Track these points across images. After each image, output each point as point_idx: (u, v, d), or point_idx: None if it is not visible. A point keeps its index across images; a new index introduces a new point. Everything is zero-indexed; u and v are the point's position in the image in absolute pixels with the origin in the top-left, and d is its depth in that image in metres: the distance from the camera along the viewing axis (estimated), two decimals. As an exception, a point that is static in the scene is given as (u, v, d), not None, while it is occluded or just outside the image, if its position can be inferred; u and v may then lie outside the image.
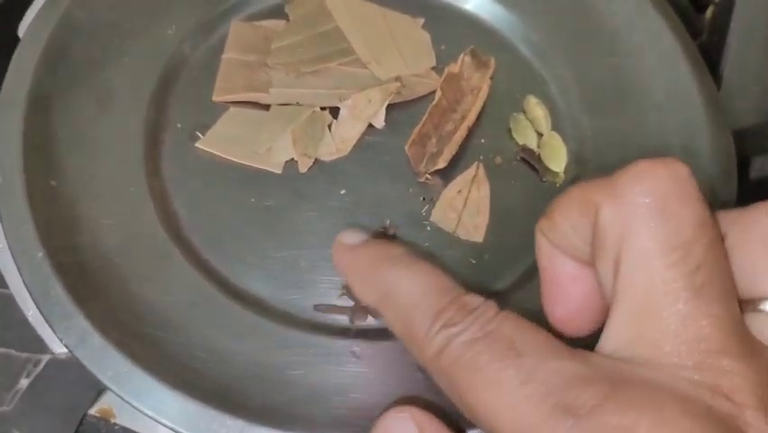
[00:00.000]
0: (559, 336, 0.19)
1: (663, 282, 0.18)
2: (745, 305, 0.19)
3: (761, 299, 0.18)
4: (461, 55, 0.36)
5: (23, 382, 0.40)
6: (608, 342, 0.19)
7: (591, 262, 0.20)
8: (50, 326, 0.27)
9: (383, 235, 0.31)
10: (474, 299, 0.20)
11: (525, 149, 0.35)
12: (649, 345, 0.18)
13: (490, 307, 0.20)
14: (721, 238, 0.19)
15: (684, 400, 0.16)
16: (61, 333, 0.27)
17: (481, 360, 0.18)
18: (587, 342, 0.20)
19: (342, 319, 0.30)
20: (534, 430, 0.17)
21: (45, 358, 0.41)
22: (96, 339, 0.27)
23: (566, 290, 0.22)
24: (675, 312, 0.17)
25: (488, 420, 0.18)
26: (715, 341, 0.17)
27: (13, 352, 0.40)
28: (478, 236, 0.33)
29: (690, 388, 0.17)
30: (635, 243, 0.18)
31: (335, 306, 0.30)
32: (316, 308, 0.30)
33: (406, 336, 0.21)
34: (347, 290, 0.31)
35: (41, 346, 0.40)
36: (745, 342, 0.18)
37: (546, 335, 0.19)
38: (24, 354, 0.41)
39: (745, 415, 0.16)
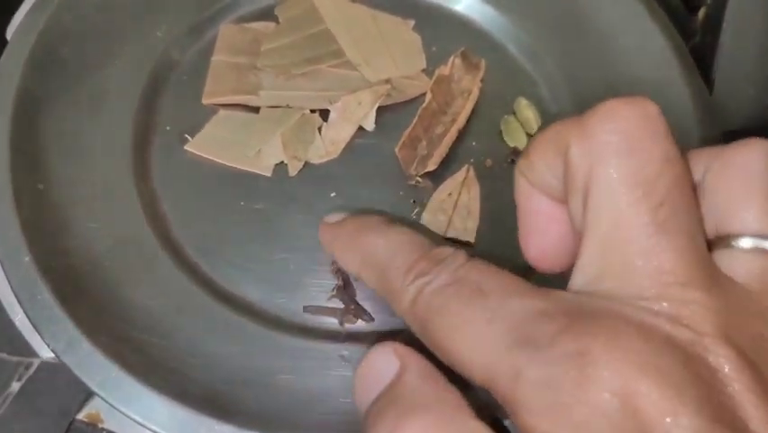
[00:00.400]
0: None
1: (628, 217, 0.18)
2: (719, 241, 0.19)
3: (733, 236, 0.19)
4: (452, 57, 0.36)
5: (15, 386, 0.40)
6: (576, 278, 0.19)
7: (565, 200, 0.21)
8: (38, 331, 0.27)
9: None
10: (444, 250, 0.21)
11: (515, 151, 0.35)
12: (613, 279, 0.18)
13: (460, 255, 0.20)
14: (689, 175, 0.19)
15: (641, 326, 0.17)
16: (49, 338, 0.27)
17: (451, 304, 0.19)
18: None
19: (332, 323, 0.30)
20: (498, 365, 0.17)
21: (36, 362, 0.41)
22: (84, 344, 0.27)
23: (542, 227, 0.23)
24: (638, 246, 0.18)
25: (460, 362, 0.19)
26: (676, 274, 0.17)
27: (4, 356, 0.40)
28: (469, 238, 0.32)
29: (649, 317, 0.17)
30: (602, 178, 0.18)
31: (325, 307, 0.30)
32: (306, 309, 0.30)
33: (385, 293, 0.22)
34: (338, 290, 0.31)
35: (33, 350, 0.40)
36: (709, 275, 0.18)
37: (512, 277, 0.19)
38: (15, 358, 0.40)
39: (704, 341, 0.17)
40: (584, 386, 0.16)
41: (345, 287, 0.31)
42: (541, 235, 0.23)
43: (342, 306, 0.30)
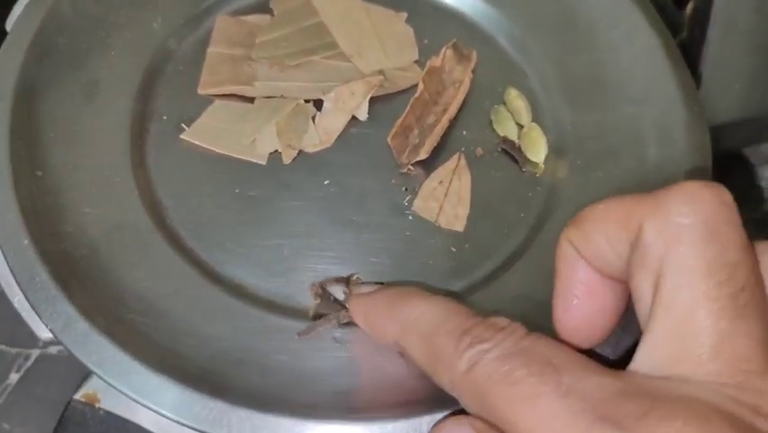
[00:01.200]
0: None
1: (708, 301, 0.18)
2: None
3: None
4: (443, 49, 0.37)
5: (14, 377, 0.40)
6: (644, 360, 0.19)
7: (619, 277, 0.21)
8: (36, 311, 0.28)
9: (347, 282, 0.31)
10: (502, 320, 0.21)
11: (505, 140, 0.35)
12: (690, 363, 0.18)
13: (519, 326, 0.20)
14: (758, 264, 0.19)
15: (730, 415, 0.17)
16: (47, 318, 0.27)
17: (518, 375, 0.19)
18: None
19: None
20: None
21: (35, 353, 0.41)
22: (81, 324, 0.27)
23: (582, 300, 0.22)
24: (718, 331, 0.18)
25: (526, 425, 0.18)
26: (755, 361, 0.18)
27: (3, 347, 0.41)
28: (459, 226, 0.33)
29: (733, 405, 0.17)
30: (681, 261, 0.18)
31: (316, 322, 0.30)
32: (300, 334, 0.29)
33: (430, 360, 0.21)
34: (318, 306, 0.30)
35: (32, 342, 0.41)
36: None
37: (580, 355, 0.19)
38: (15, 349, 0.41)
39: None
40: None
41: (324, 299, 0.30)
42: (579, 308, 0.23)
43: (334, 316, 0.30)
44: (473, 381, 0.19)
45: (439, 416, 0.26)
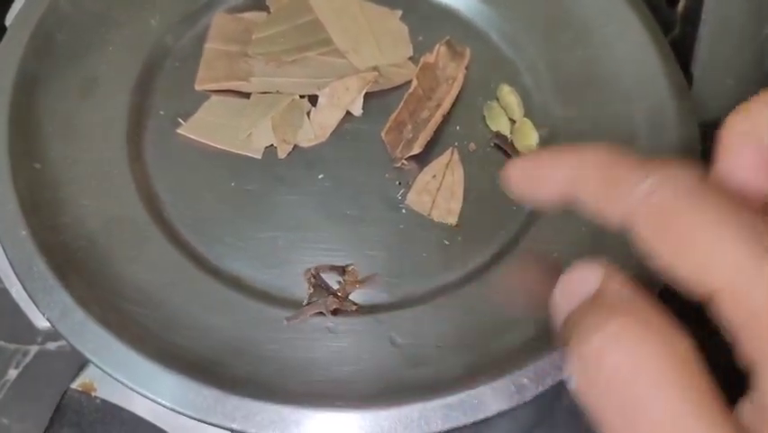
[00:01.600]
0: None
1: None
2: None
3: None
4: (437, 46, 0.37)
5: (12, 373, 0.41)
6: None
7: None
8: (33, 300, 0.28)
9: (342, 271, 0.32)
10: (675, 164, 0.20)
11: (498, 135, 0.36)
12: None
13: (695, 171, 0.20)
14: None
15: None
16: (44, 307, 0.28)
17: (702, 204, 0.18)
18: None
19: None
20: (748, 271, 0.17)
21: (34, 349, 0.42)
22: (78, 313, 0.28)
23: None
24: None
25: (698, 262, 0.18)
26: None
27: (2, 343, 0.41)
28: (451, 219, 0.33)
29: None
30: None
31: (306, 308, 0.30)
32: (288, 319, 0.30)
33: (605, 190, 0.21)
34: (311, 295, 0.31)
35: (30, 337, 0.41)
36: None
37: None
38: (13, 345, 0.41)
39: None
40: None
41: (316, 287, 0.31)
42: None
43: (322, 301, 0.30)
44: (656, 203, 0.19)
45: (430, 404, 0.26)
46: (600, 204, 0.22)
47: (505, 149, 0.35)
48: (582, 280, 0.21)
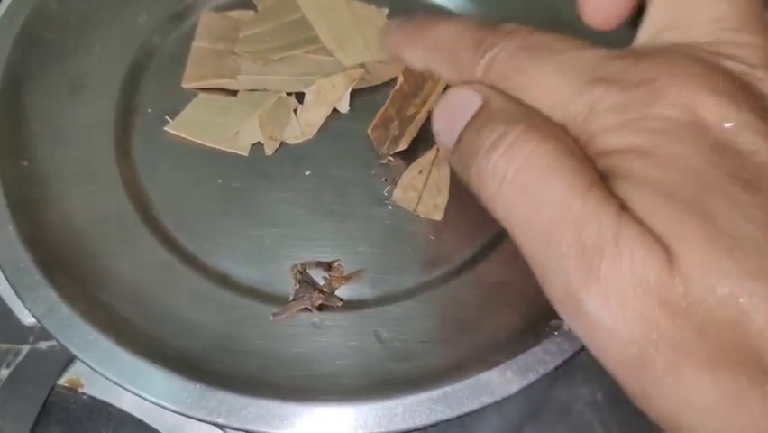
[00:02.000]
0: None
1: None
2: None
3: None
4: None
5: (4, 373, 0.41)
6: (643, 31, 0.21)
7: None
8: (19, 296, 0.28)
9: (328, 267, 0.32)
10: (509, 24, 0.22)
11: None
12: (677, 31, 0.21)
13: (525, 28, 0.22)
14: None
15: (701, 59, 0.19)
16: (30, 303, 0.28)
17: (524, 64, 0.21)
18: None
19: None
20: (574, 104, 0.20)
21: (25, 349, 0.41)
22: (64, 309, 0.28)
23: None
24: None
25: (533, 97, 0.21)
26: (732, 20, 0.20)
27: (-7, 343, 0.41)
28: (437, 215, 0.34)
29: (708, 55, 0.20)
30: None
31: (292, 304, 0.30)
32: (275, 315, 0.30)
33: (457, 74, 0.23)
34: (297, 291, 0.31)
35: (22, 337, 0.41)
36: (759, 21, 0.20)
37: (580, 40, 0.21)
38: (5, 345, 0.41)
39: (756, 73, 0.19)
40: (653, 103, 0.19)
41: (302, 283, 0.31)
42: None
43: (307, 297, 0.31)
44: (491, 79, 0.22)
45: (414, 398, 0.26)
46: (454, 80, 0.24)
47: None
48: (464, 101, 0.22)
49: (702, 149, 0.18)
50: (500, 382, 0.27)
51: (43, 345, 0.42)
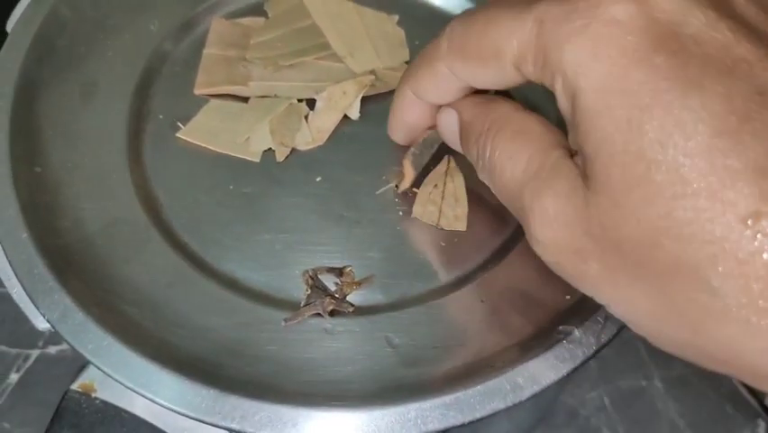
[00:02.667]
0: None
1: None
2: None
3: None
4: None
5: (14, 377, 0.41)
6: None
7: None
8: (33, 302, 0.28)
9: (340, 273, 0.32)
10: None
11: None
12: None
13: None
14: None
15: None
16: (44, 309, 0.28)
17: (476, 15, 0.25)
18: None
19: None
20: (524, 26, 0.22)
21: (35, 353, 0.42)
22: (77, 314, 0.28)
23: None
24: None
25: (497, 61, 0.25)
26: None
27: (3, 347, 0.42)
28: (460, 226, 0.34)
29: None
30: None
31: (304, 309, 0.31)
32: (286, 321, 0.30)
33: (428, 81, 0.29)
34: (308, 296, 0.31)
35: (32, 342, 0.42)
36: None
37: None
38: (15, 350, 0.42)
39: None
40: (598, 7, 0.20)
41: (314, 289, 0.31)
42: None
43: (316, 304, 0.31)
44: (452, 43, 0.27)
45: (426, 403, 0.26)
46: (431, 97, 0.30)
47: None
48: (448, 120, 0.30)
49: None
50: (512, 387, 0.27)
51: (53, 349, 0.42)
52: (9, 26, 0.36)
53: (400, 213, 0.34)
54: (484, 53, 0.24)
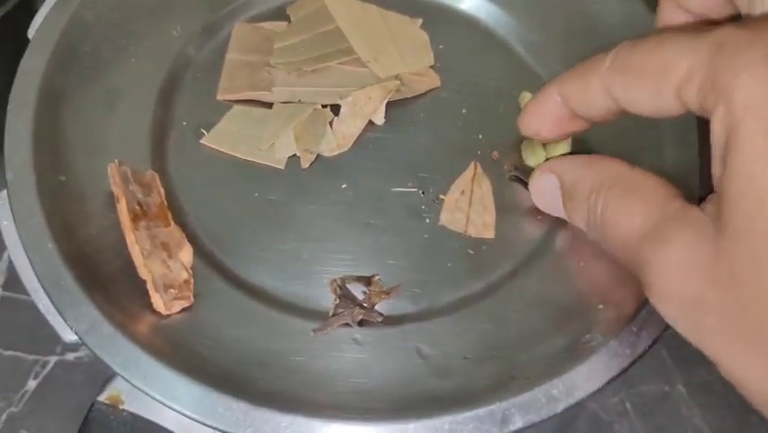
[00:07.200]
0: None
1: None
2: None
3: None
4: None
5: (31, 384, 0.41)
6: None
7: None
8: (61, 314, 0.28)
9: (368, 282, 0.31)
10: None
11: (517, 168, 0.35)
12: None
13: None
14: None
15: None
16: (72, 321, 0.28)
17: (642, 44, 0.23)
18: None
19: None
20: (699, 43, 0.21)
21: (53, 360, 0.42)
22: (105, 327, 0.27)
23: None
24: None
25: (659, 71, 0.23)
26: None
27: (21, 354, 0.41)
28: (488, 233, 0.33)
29: None
30: None
31: (333, 319, 0.30)
32: (315, 331, 0.30)
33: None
34: (337, 306, 0.31)
35: (49, 349, 0.41)
36: None
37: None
38: (32, 357, 0.42)
39: None
40: None
41: (342, 298, 0.31)
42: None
43: (347, 311, 0.30)
44: (617, 62, 0.25)
45: (460, 416, 0.26)
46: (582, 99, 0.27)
47: (525, 181, 0.35)
48: (546, 190, 0.30)
49: None
50: (547, 400, 0.26)
51: (70, 356, 0.42)
52: (30, 33, 0.36)
53: (427, 220, 0.33)
54: (648, 71, 0.23)
